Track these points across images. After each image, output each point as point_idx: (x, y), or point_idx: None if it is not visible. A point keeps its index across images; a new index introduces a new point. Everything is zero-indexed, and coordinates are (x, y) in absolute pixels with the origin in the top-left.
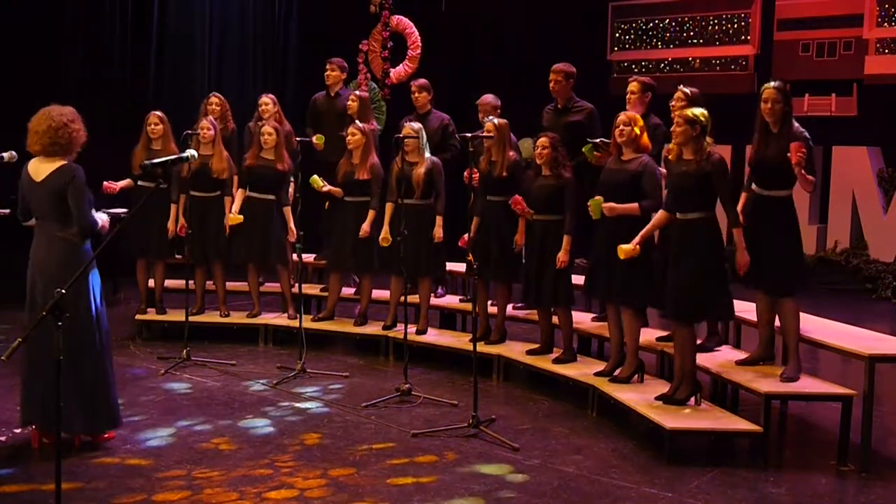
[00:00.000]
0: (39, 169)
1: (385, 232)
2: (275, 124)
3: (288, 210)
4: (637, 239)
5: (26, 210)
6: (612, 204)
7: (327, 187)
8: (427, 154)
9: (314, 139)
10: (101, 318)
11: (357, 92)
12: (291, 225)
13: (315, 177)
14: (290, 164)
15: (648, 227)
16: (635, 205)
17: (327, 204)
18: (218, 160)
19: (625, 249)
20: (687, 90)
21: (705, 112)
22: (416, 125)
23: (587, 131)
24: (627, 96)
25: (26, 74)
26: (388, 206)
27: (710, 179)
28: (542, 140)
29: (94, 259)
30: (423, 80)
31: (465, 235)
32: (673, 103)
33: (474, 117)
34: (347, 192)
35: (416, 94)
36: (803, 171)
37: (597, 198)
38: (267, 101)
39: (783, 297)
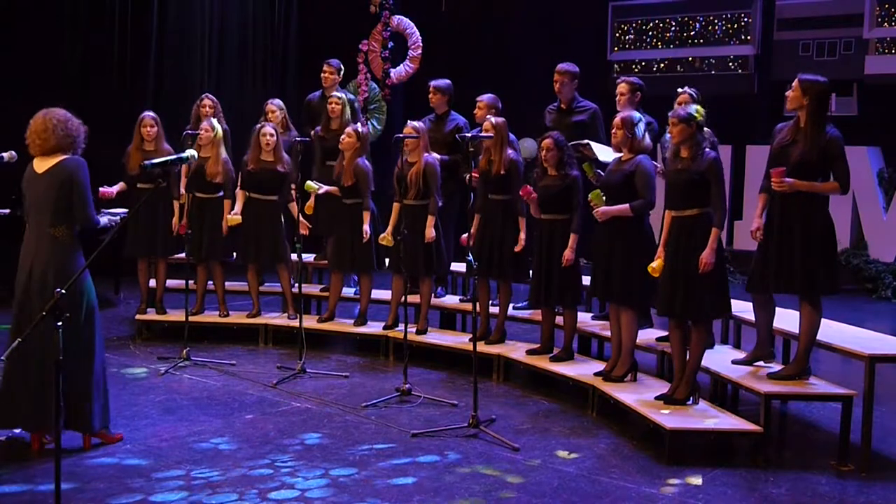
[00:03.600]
0: (44, 163)
1: (387, 231)
2: (273, 125)
3: (294, 206)
4: (659, 251)
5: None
6: (604, 208)
7: (323, 189)
8: (425, 154)
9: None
10: (94, 319)
11: (336, 94)
12: (302, 219)
13: (308, 182)
14: (290, 164)
15: (664, 232)
16: (626, 206)
17: (308, 206)
18: (213, 163)
19: (654, 267)
20: (692, 91)
21: (699, 108)
22: (417, 124)
23: (591, 131)
24: (617, 98)
25: (26, 74)
26: (395, 206)
27: (703, 178)
28: (546, 142)
29: (89, 262)
30: (440, 82)
31: (466, 235)
32: (677, 105)
33: (473, 116)
34: (342, 194)
35: (431, 95)
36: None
37: (596, 190)
38: (274, 109)
39: (806, 299)
